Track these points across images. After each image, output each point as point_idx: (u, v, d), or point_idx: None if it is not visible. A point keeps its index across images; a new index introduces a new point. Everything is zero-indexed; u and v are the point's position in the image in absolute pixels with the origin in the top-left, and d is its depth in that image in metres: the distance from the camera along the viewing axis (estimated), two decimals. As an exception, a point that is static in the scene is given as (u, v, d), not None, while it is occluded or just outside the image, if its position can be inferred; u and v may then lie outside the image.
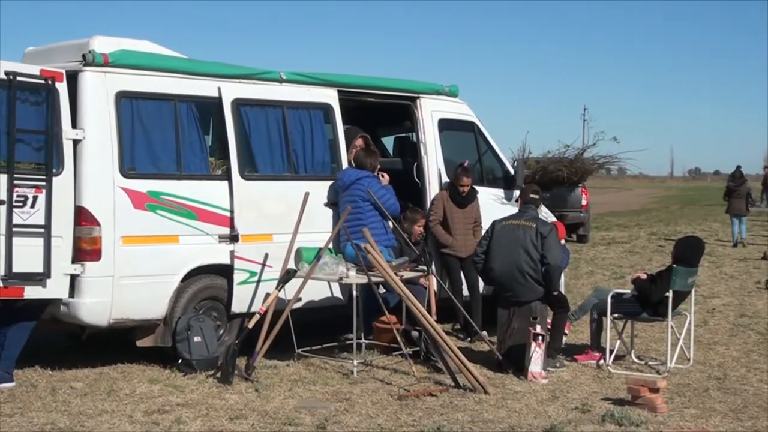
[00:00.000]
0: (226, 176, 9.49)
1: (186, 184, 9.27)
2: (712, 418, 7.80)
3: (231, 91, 9.64)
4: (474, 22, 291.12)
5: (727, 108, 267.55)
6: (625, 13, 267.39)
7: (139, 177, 8.99)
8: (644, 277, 10.04)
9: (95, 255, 8.66)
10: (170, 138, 9.28)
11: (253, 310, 9.47)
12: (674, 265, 9.69)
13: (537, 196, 10.10)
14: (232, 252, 9.45)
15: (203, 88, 9.55)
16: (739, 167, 26.49)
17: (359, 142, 10.97)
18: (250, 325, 9.17)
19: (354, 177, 10.10)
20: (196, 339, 9.04)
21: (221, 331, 9.61)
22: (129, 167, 8.95)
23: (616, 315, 9.99)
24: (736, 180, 25.92)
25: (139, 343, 9.24)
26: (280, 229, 9.67)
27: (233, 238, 9.44)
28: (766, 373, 9.54)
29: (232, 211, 9.44)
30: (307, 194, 9.71)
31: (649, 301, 9.80)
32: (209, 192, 9.39)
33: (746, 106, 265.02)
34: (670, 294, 9.63)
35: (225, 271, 9.49)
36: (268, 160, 9.93)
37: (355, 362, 9.22)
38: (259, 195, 9.70)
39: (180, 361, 9.05)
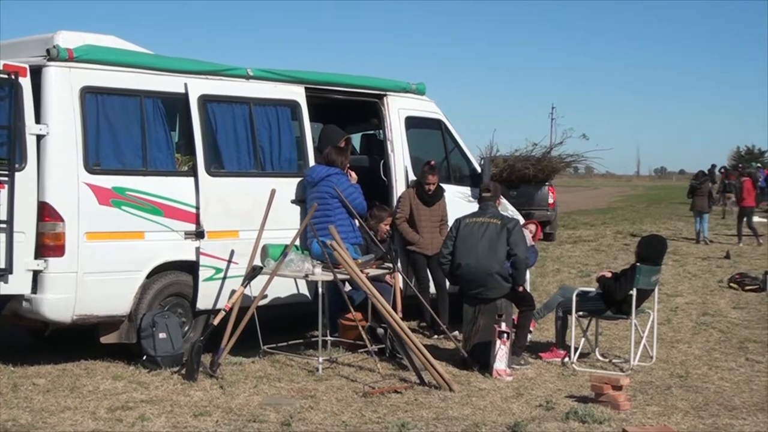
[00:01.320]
0: (193, 173, 9.45)
1: (152, 180, 9.22)
2: (673, 415, 7.87)
3: (197, 88, 9.60)
4: (441, 20, 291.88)
5: (693, 108, 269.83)
6: (593, 12, 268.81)
7: (104, 173, 8.94)
8: (609, 275, 10.11)
9: (59, 251, 8.61)
10: (136, 134, 9.24)
11: (218, 306, 9.45)
12: (638, 264, 9.77)
13: (490, 193, 10.12)
14: (197, 248, 9.42)
15: (169, 84, 9.50)
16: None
17: (342, 143, 10.99)
18: (216, 321, 9.15)
19: (322, 174, 10.09)
20: (161, 335, 9.00)
21: (186, 328, 9.58)
22: (94, 163, 8.89)
23: (580, 313, 10.05)
24: (699, 179, 26.86)
25: (103, 340, 9.19)
26: (246, 225, 9.64)
27: (199, 234, 9.41)
28: (727, 372, 9.64)
29: (198, 208, 9.41)
30: (273, 191, 9.69)
31: (613, 299, 9.87)
32: (175, 188, 9.35)
33: (712, 107, 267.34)
34: (633, 292, 9.70)
35: (191, 268, 9.46)
36: (234, 156, 9.90)
37: (321, 359, 9.22)
38: (226, 191, 9.66)
39: (145, 357, 9.01)
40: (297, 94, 10.47)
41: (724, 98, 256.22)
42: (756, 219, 35.54)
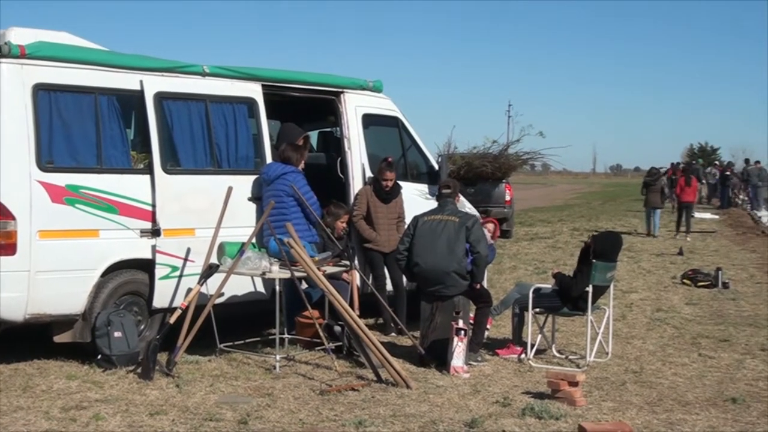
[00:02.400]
0: (148, 170, 9.38)
1: (106, 177, 9.14)
2: (628, 411, 7.94)
3: (153, 85, 9.53)
4: (399, 17, 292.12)
5: (648, 106, 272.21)
6: (549, 10, 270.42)
7: (57, 170, 8.83)
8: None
9: (10, 249, 8.50)
10: (90, 131, 9.14)
11: (174, 305, 9.39)
12: (594, 261, 9.83)
13: (449, 190, 10.15)
14: (153, 247, 9.35)
15: (124, 81, 9.41)
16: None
17: (300, 141, 10.95)
18: (172, 320, 9.08)
19: (278, 171, 10.05)
20: (117, 334, 8.92)
21: (142, 327, 9.52)
22: (46, 161, 8.79)
23: (537, 310, 10.11)
24: (652, 175, 27.94)
25: (57, 339, 9.10)
26: (202, 223, 9.59)
27: (155, 232, 9.34)
28: (680, 367, 9.74)
29: (154, 206, 9.34)
30: (230, 189, 9.65)
31: (569, 295, 9.94)
32: (130, 186, 9.27)
33: (667, 105, 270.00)
34: (589, 289, 9.77)
35: (146, 266, 9.39)
36: (190, 154, 9.83)
37: (278, 357, 9.19)
38: (182, 189, 9.60)
39: (99, 356, 8.93)
40: (254, 91, 10.42)
41: (678, 96, 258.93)
42: (708, 215, 36.20)
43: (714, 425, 7.51)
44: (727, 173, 45.74)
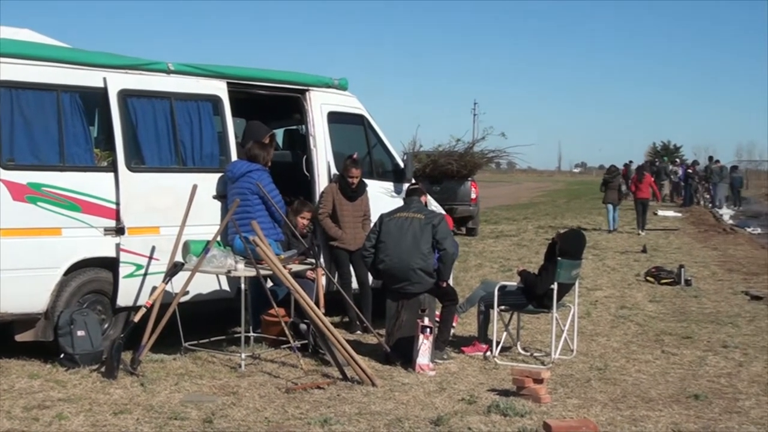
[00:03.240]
0: (112, 168, 9.31)
1: (69, 175, 9.06)
2: (593, 407, 7.99)
3: (117, 82, 9.46)
4: (365, 16, 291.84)
5: (613, 104, 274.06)
6: (513, 8, 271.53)
7: (18, 168, 8.75)
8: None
9: (-29, 247, 8.41)
10: (53, 129, 9.06)
11: (139, 303, 9.33)
12: (559, 258, 9.88)
13: (415, 187, 10.18)
14: (117, 245, 9.29)
15: (88, 78, 9.33)
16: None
17: (266, 139, 10.91)
18: (136, 318, 9.03)
19: (244, 169, 10.01)
20: (80, 333, 8.86)
21: (106, 325, 9.45)
22: (8, 158, 8.70)
23: (502, 307, 10.14)
24: (611, 173, 29.10)
25: (19, 338, 9.01)
26: (167, 221, 9.53)
27: (119, 230, 9.28)
28: (644, 364, 9.82)
29: (118, 204, 9.27)
30: (195, 186, 9.60)
31: (534, 293, 9.98)
32: (94, 184, 9.20)
33: (630, 103, 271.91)
34: (554, 286, 9.82)
35: (110, 264, 9.33)
36: (155, 152, 9.76)
37: (243, 356, 9.17)
38: (146, 187, 9.54)
39: (62, 355, 8.86)
40: (219, 89, 10.37)
41: (642, 94, 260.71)
42: (671, 213, 36.58)
43: (677, 421, 7.58)
44: (690, 171, 46.23)
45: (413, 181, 10.37)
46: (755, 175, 77.63)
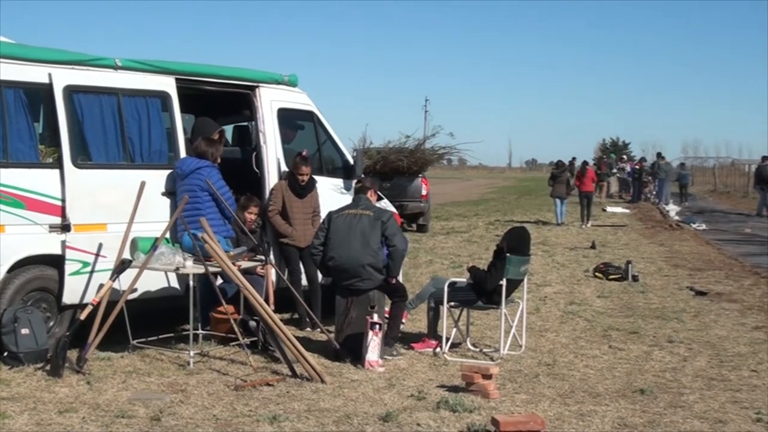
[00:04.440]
0: (58, 164, 9.20)
1: (13, 172, 8.91)
2: (541, 403, 8.05)
3: (62, 78, 9.33)
4: (315, 12, 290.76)
5: (562, 101, 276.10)
6: (462, 4, 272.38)
7: (-38, 165, 8.61)
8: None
9: None
10: (-4, 125, 8.92)
11: (86, 301, 9.23)
12: (508, 255, 9.93)
13: (361, 184, 10.19)
14: (63, 242, 9.17)
15: (33, 74, 9.19)
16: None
17: (216, 136, 10.85)
18: (82, 316, 8.93)
19: (193, 166, 9.95)
20: (24, 331, 8.73)
21: (51, 323, 9.33)
22: (-49, 155, 8.57)
23: (452, 303, 10.17)
24: (558, 168, 30.39)
25: (-39, 337, 8.87)
26: (114, 218, 9.44)
27: (65, 227, 9.16)
28: (591, 359, 9.91)
29: (63, 200, 9.16)
30: (143, 183, 9.52)
31: (484, 289, 10.02)
32: (39, 180, 9.08)
33: (580, 99, 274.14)
34: (503, 282, 9.87)
35: (56, 262, 9.21)
36: (102, 148, 9.65)
37: (192, 353, 9.11)
38: (93, 184, 9.43)
39: (6, 354, 8.74)
40: (167, 85, 10.29)
41: (591, 91, 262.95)
42: (619, 210, 37.01)
43: (623, 416, 7.66)
44: (637, 167, 46.85)
45: (361, 178, 10.35)
46: (701, 172, 78.71)
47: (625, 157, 62.47)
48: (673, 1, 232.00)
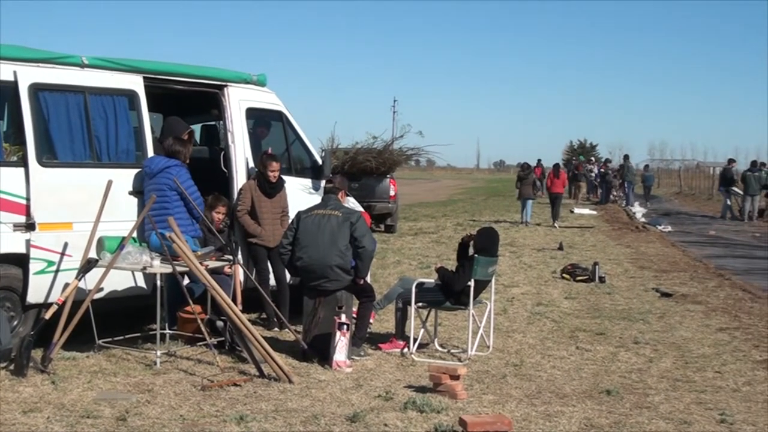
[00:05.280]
0: (23, 163, 9.11)
1: None
2: (508, 403, 8.07)
3: (28, 75, 9.25)
4: (283, 12, 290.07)
5: (531, 102, 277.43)
6: (431, 4, 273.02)
7: (-76, 162, 8.52)
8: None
9: None
10: (-41, 123, 8.84)
11: (51, 300, 9.15)
12: (476, 255, 9.96)
13: (331, 185, 10.18)
14: (28, 241, 9.09)
15: None
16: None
17: (185, 136, 10.79)
18: (48, 315, 8.86)
19: (161, 165, 9.89)
20: (-12, 330, 8.65)
21: (15, 323, 9.24)
22: None
23: (420, 304, 10.18)
24: (525, 170, 31.09)
25: (-76, 336, 8.77)
26: (81, 217, 9.37)
27: (29, 226, 9.08)
28: (558, 360, 9.96)
29: (28, 199, 9.07)
30: (110, 182, 9.46)
31: (452, 290, 10.04)
32: (3, 179, 8.97)
33: (547, 101, 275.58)
34: (471, 283, 9.89)
35: (20, 261, 9.12)
36: (68, 146, 9.57)
37: (159, 353, 9.06)
38: (59, 182, 9.35)
39: (-30, 353, 8.65)
40: (135, 83, 10.22)
41: (559, 94, 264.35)
42: (586, 211, 37.25)
43: (589, 416, 7.70)
44: (602, 170, 47.19)
45: (331, 178, 10.33)
46: (666, 174, 79.40)
47: (593, 158, 62.76)
48: (642, 4, 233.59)
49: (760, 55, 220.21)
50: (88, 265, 9.03)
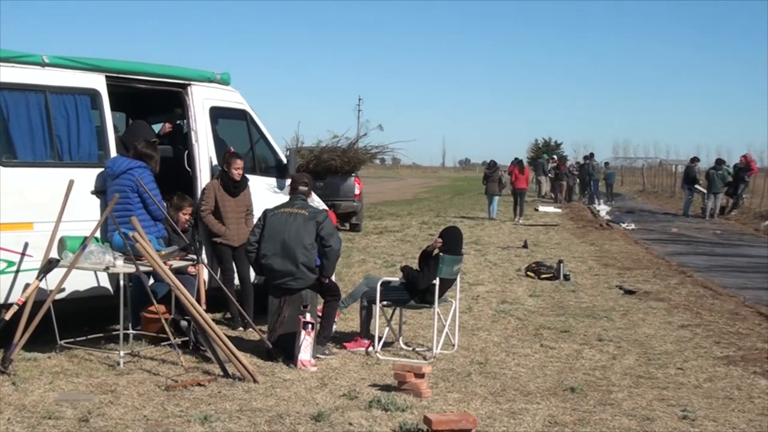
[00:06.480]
0: (-17, 162, 9.02)
1: None
2: (473, 401, 8.10)
3: None
4: (246, 11, 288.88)
5: (497, 100, 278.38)
6: (395, 5, 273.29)
7: None
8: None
9: None
10: None
11: (11, 301, 9.05)
12: (441, 254, 9.98)
13: (306, 187, 10.15)
14: (-13, 241, 9.00)
15: None
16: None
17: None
18: (7, 316, 8.77)
19: (125, 166, 9.81)
20: (-52, 332, 8.56)
21: (-25, 324, 9.14)
22: None
23: (385, 302, 10.18)
24: (491, 168, 32.36)
25: None
26: (42, 217, 9.28)
27: (-12, 226, 8.98)
28: (523, 358, 10.00)
29: (-12, 199, 8.98)
30: (71, 182, 9.38)
31: (416, 288, 10.05)
32: None
33: (512, 99, 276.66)
34: (436, 282, 9.91)
35: (-21, 262, 9.03)
36: (29, 146, 9.48)
37: (122, 353, 9.00)
38: (19, 182, 9.26)
39: (-71, 355, 8.55)
40: (97, 82, 10.14)
41: (524, 92, 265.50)
42: (551, 209, 37.44)
43: (553, 414, 7.74)
44: (557, 167, 47.52)
45: (305, 179, 10.27)
46: (630, 172, 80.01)
47: (555, 156, 63.10)
48: (605, 3, 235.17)
49: (722, 54, 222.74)
50: (49, 265, 8.95)
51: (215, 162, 11.21)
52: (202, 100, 11.25)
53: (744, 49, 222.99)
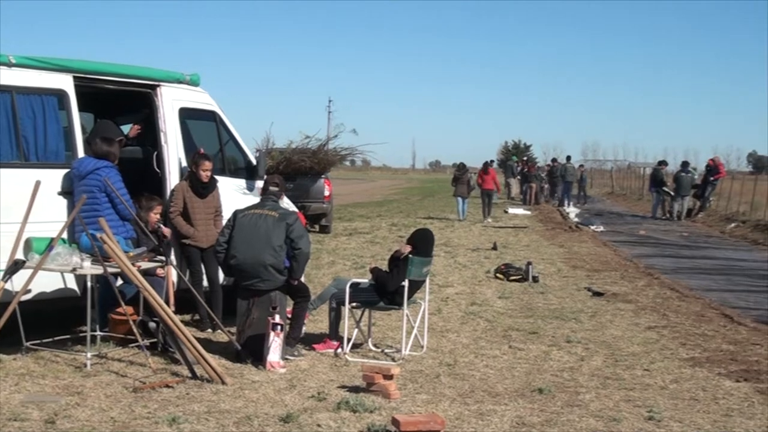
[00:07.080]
0: (-53, 163, 8.94)
1: None
2: (441, 402, 8.12)
3: None
4: (217, 11, 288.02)
5: (467, 102, 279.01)
6: (366, 7, 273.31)
7: None
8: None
9: None
10: None
11: (-24, 303, 8.98)
12: (410, 255, 10.00)
13: (277, 188, 10.14)
14: (-49, 243, 8.92)
15: None
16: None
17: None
18: (-27, 319, 8.70)
19: (91, 167, 9.76)
20: None
21: (-60, 326, 9.05)
22: None
23: (354, 304, 10.19)
24: (460, 170, 32.94)
25: None
26: (7, 218, 9.20)
27: (-46, 227, 8.90)
28: (492, 359, 10.03)
29: (-47, 200, 8.90)
30: (38, 182, 9.31)
31: (386, 290, 10.07)
32: None
33: (482, 101, 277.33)
34: (406, 283, 9.93)
35: (-57, 263, 8.94)
36: (-5, 146, 9.42)
37: (89, 355, 8.95)
38: (-15, 183, 9.19)
39: None
40: (64, 83, 10.08)
41: (493, 94, 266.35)
42: (520, 211, 37.60)
43: (521, 415, 7.77)
44: (525, 169, 47.77)
45: (276, 180, 10.24)
46: (599, 174, 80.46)
47: (525, 158, 63.40)
48: (574, 4, 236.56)
49: (690, 57, 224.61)
50: (15, 267, 8.88)
51: (184, 163, 11.17)
52: (171, 101, 11.21)
53: (711, 54, 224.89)
